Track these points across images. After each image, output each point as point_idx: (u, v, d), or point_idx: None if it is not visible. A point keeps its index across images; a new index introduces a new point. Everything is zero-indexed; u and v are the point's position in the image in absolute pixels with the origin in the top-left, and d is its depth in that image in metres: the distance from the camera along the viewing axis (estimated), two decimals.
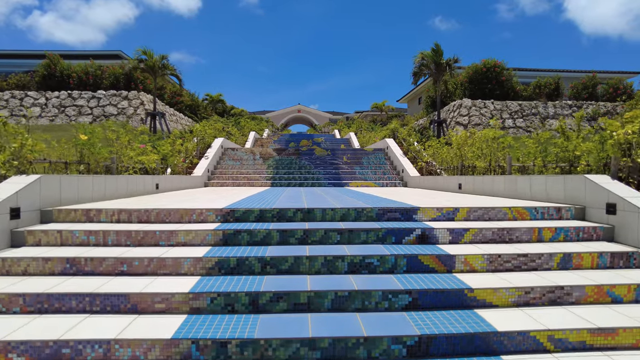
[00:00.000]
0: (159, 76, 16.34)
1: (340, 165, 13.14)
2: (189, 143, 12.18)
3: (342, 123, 32.64)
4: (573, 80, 22.33)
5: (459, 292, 3.17)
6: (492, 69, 20.23)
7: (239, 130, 20.34)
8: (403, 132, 13.34)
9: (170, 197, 6.55)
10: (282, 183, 11.53)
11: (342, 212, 4.46)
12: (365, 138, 19.82)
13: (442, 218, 4.54)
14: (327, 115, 67.02)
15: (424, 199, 6.11)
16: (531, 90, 20.83)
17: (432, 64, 15.94)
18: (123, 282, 3.27)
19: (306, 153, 14.15)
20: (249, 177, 11.95)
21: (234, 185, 11.45)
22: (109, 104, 19.79)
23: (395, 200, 5.63)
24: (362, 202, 5.26)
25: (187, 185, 9.98)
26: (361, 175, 12.36)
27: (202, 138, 12.94)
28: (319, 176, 12.10)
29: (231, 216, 4.39)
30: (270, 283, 3.22)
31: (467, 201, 5.53)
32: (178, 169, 10.33)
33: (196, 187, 10.69)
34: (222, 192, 8.04)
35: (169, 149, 9.58)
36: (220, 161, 13.20)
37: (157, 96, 22.93)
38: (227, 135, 16.60)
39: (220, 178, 11.97)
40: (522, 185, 5.97)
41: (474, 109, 19.62)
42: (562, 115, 19.85)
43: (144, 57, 15.61)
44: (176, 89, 26.79)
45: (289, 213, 4.42)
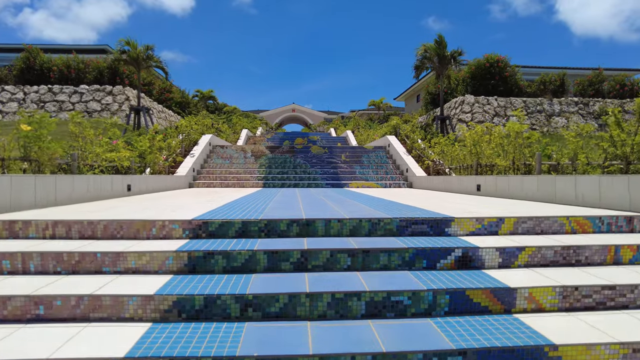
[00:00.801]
0: (144, 68, 15.12)
1: (339, 164, 12.04)
2: (173, 139, 11.02)
3: (337, 122, 31.56)
4: (577, 77, 21.42)
5: (535, 351, 2.09)
6: (496, 64, 19.24)
7: (230, 128, 19.16)
8: (406, 129, 12.27)
9: (138, 201, 5.41)
10: (275, 184, 10.41)
11: (352, 224, 3.35)
12: (363, 136, 18.75)
13: (482, 232, 3.46)
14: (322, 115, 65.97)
15: (445, 203, 5.02)
16: (536, 87, 19.88)
17: (435, 57, 14.90)
18: (31, 337, 2.14)
19: (301, 151, 13.04)
20: (239, 177, 10.81)
21: (222, 186, 10.31)
22: (92, 100, 18.53)
23: (414, 207, 4.54)
24: (373, 209, 4.17)
25: (168, 186, 8.83)
26: (362, 175, 11.28)
27: (187, 134, 11.77)
28: (316, 176, 10.99)
29: (204, 230, 3.27)
30: (252, 337, 2.12)
31: (502, 207, 4.46)
32: (159, 167, 9.17)
33: (179, 188, 9.54)
34: (205, 195, 6.90)
35: (147, 145, 8.42)
36: (207, 159, 12.04)
37: (144, 92, 21.70)
38: (217, 132, 15.43)
39: (207, 178, 10.81)
40: (563, 187, 4.91)
41: (477, 106, 18.62)
42: (569, 113, 18.93)
43: (127, 48, 14.40)
44: (166, 85, 25.56)
45: (281, 225, 3.30)
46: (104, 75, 19.34)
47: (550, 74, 20.03)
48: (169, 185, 8.86)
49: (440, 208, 4.31)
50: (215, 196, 6.45)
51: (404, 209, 4.24)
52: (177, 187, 9.43)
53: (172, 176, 9.18)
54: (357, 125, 22.15)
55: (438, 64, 15.03)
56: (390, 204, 4.84)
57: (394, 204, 4.86)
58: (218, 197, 6.29)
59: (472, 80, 19.73)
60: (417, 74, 15.89)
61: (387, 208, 4.29)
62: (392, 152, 12.56)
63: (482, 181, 6.93)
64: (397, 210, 4.00)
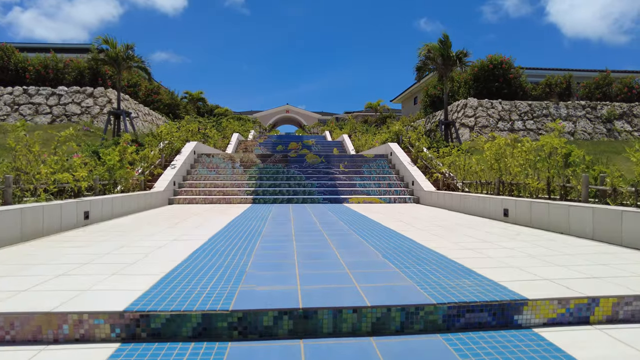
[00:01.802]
0: (125, 69, 13.81)
1: (337, 175, 10.85)
2: (152, 149, 9.75)
3: (333, 124, 30.37)
4: (583, 79, 20.44)
5: None
6: (499, 65, 18.19)
7: (219, 132, 17.89)
8: (412, 136, 11.09)
9: (82, 243, 4.17)
10: (266, 199, 9.19)
11: (376, 316, 2.15)
12: (360, 141, 17.59)
13: (566, 319, 2.28)
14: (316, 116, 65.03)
15: (487, 250, 3.85)
16: (541, 90, 18.85)
17: (438, 57, 13.77)
18: None
19: (296, 160, 11.83)
20: (225, 192, 9.57)
21: (206, 202, 9.07)
22: (71, 102, 17.17)
23: (456, 262, 3.36)
24: (393, 263, 2.98)
25: (142, 205, 7.58)
26: (362, 187, 10.10)
27: (169, 142, 10.51)
28: (312, 189, 9.79)
29: (144, 327, 2.06)
30: None
31: (576, 263, 3.30)
32: (132, 183, 7.92)
33: (157, 207, 8.29)
34: (179, 222, 5.67)
35: (116, 159, 7.17)
36: (191, 170, 10.79)
37: (129, 94, 20.36)
38: (204, 138, 14.16)
39: (189, 193, 9.56)
40: (636, 225, 3.77)
41: (481, 110, 17.55)
42: (575, 117, 17.93)
43: (105, 47, 13.08)
44: (153, 86, 24.23)
45: (264, 320, 2.10)
46: (84, 76, 17.98)
47: (556, 76, 19.02)
48: (143, 205, 7.61)
49: (485, 263, 3.15)
50: (190, 225, 5.23)
51: (439, 262, 3.06)
52: (154, 205, 8.18)
53: (147, 193, 7.92)
54: (353, 129, 20.98)
55: (442, 65, 13.91)
56: (412, 247, 3.66)
57: (417, 247, 3.68)
58: (193, 227, 5.07)
59: (474, 82, 18.68)
60: (419, 75, 14.77)
61: (409, 257, 3.11)
62: (395, 161, 11.40)
63: (511, 205, 5.78)
64: (428, 264, 2.82)
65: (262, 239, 4.22)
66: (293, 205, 8.59)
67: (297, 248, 3.71)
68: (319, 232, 4.64)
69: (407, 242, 4.02)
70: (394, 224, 5.54)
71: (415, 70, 14.57)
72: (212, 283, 2.52)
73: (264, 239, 4.23)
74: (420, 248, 3.73)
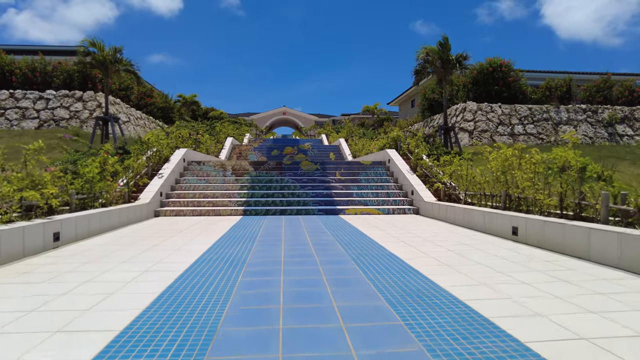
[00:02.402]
0: (113, 73, 13.26)
1: (333, 184, 10.35)
2: (138, 158, 9.20)
3: (329, 127, 29.88)
4: (584, 82, 20.05)
5: None
6: (499, 68, 17.77)
7: (212, 137, 17.36)
8: (411, 143, 10.58)
9: (42, 271, 3.64)
10: (258, 210, 8.67)
11: None
12: (357, 146, 17.10)
13: None
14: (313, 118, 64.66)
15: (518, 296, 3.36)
16: (541, 93, 18.44)
17: (437, 61, 13.30)
18: None
19: (290, 168, 11.32)
20: (215, 202, 9.05)
21: (194, 214, 8.54)
22: (59, 106, 16.61)
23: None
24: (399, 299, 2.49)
25: (124, 220, 7.05)
26: (360, 197, 9.60)
27: (157, 150, 9.96)
28: (307, 199, 9.28)
29: None
30: None
31: None
32: (114, 196, 7.38)
33: (141, 221, 7.76)
34: (158, 244, 5.16)
35: (95, 171, 6.64)
36: (180, 179, 10.26)
37: (121, 98, 19.80)
38: (195, 144, 13.62)
39: (177, 204, 9.03)
40: None
41: (480, 114, 17.12)
42: (576, 121, 17.53)
43: (92, 50, 12.53)
44: (146, 89, 23.69)
45: None
46: (74, 79, 17.41)
47: (556, 79, 18.62)
48: (125, 219, 7.07)
49: (505, 308, 2.66)
50: (168, 247, 4.71)
51: (452, 308, 2.56)
52: (138, 218, 7.65)
53: (130, 207, 7.39)
54: (350, 134, 20.49)
55: (441, 69, 13.43)
56: (420, 286, 3.16)
57: (425, 285, 3.18)
58: (171, 251, 4.55)
59: (473, 85, 18.25)
60: (417, 79, 14.29)
61: (417, 301, 2.61)
62: (394, 169, 10.91)
63: (521, 223, 5.29)
64: (439, 313, 2.32)
65: (246, 270, 3.70)
66: (286, 218, 8.09)
67: (284, 285, 3.20)
68: (312, 260, 4.13)
69: (414, 278, 3.52)
70: (396, 246, 5.05)
71: (414, 73, 14.09)
72: (170, 353, 2.00)
73: (248, 271, 3.71)
74: (428, 286, 3.23)
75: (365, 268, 3.76)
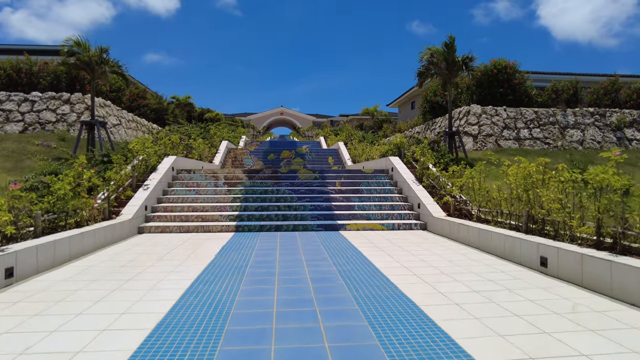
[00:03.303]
0: (99, 75, 12.45)
1: (333, 194, 9.59)
2: (120, 168, 8.40)
3: (328, 129, 29.10)
4: (590, 84, 19.37)
5: None
6: (504, 70, 17.05)
7: (206, 141, 16.57)
8: (416, 151, 9.80)
9: None
10: (251, 226, 7.90)
11: None
12: (357, 150, 16.35)
13: None
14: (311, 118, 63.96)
15: None
16: (547, 96, 17.74)
17: (442, 62, 12.56)
18: None
19: (287, 177, 10.55)
20: (205, 217, 8.27)
21: (181, 231, 7.77)
22: (45, 109, 15.77)
23: None
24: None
25: (101, 241, 6.27)
26: (362, 210, 8.85)
27: (143, 159, 9.16)
28: (304, 213, 8.52)
29: None
30: None
31: None
32: (91, 213, 6.60)
33: (122, 240, 6.98)
34: (123, 280, 4.38)
35: (67, 187, 5.85)
36: (168, 190, 9.47)
37: (112, 99, 18.96)
38: (187, 150, 12.81)
39: (163, 218, 8.25)
40: None
41: (485, 117, 16.40)
42: (584, 125, 16.84)
43: (77, 50, 11.71)
44: (139, 90, 22.87)
45: None
46: (61, 80, 16.58)
47: (562, 82, 17.92)
48: (102, 241, 6.29)
49: None
50: (141, 286, 3.94)
51: None
52: (118, 237, 6.88)
53: (109, 225, 6.60)
54: (349, 137, 19.73)
55: (446, 71, 12.69)
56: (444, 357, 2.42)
57: (449, 354, 2.44)
58: (144, 291, 3.78)
59: (477, 88, 17.52)
60: (420, 81, 13.55)
61: None
62: (397, 178, 10.16)
63: (551, 254, 4.56)
64: None
65: (228, 333, 2.94)
66: (282, 236, 7.33)
67: (275, 354, 2.44)
68: (312, 313, 3.38)
69: (435, 340, 2.77)
70: (409, 284, 4.31)
71: (417, 75, 13.34)
72: None
73: (231, 333, 2.95)
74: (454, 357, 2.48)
75: (378, 327, 3.00)
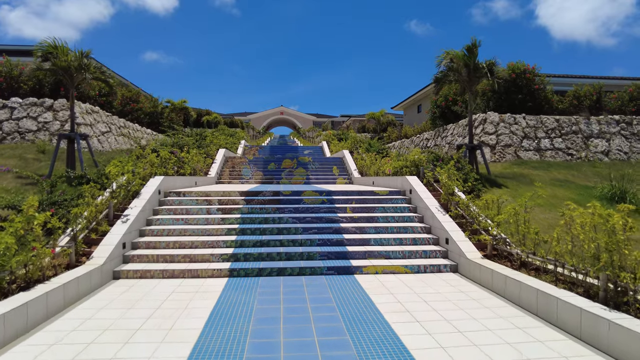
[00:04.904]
0: (80, 81, 11.02)
1: (344, 223, 8.20)
2: (92, 200, 6.98)
3: (330, 132, 27.67)
4: (612, 89, 17.96)
5: None
6: (522, 75, 15.65)
7: (201, 150, 15.15)
8: (442, 174, 8.35)
9: None
10: (248, 270, 6.50)
11: None
12: (365, 161, 14.94)
13: None
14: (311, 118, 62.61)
15: None
16: (568, 102, 16.34)
17: (463, 68, 11.14)
18: None
19: (290, 201, 9.15)
20: (193, 256, 6.86)
21: (165, 276, 6.36)
22: (26, 116, 14.33)
23: None
24: None
25: (55, 305, 4.87)
26: (379, 245, 7.47)
27: (121, 186, 7.74)
28: (312, 250, 7.12)
29: None
30: None
31: None
32: (47, 265, 5.20)
33: (88, 294, 5.58)
34: None
35: (10, 241, 4.46)
36: (153, 219, 8.06)
37: (101, 105, 17.51)
38: (179, 165, 11.39)
39: (144, 259, 6.83)
40: None
41: (503, 126, 15.00)
42: (609, 134, 15.43)
43: (53, 54, 10.26)
44: (132, 93, 21.41)
45: None
46: (44, 85, 15.13)
47: (585, 87, 16.51)
48: (55, 305, 4.89)
49: None
50: None
51: None
52: (85, 291, 5.48)
53: (71, 280, 5.19)
54: (355, 145, 18.31)
55: (467, 77, 11.28)
56: None
57: None
58: None
59: (493, 93, 16.12)
60: (438, 87, 12.14)
61: None
62: (417, 202, 8.76)
63: None
64: None
65: None
66: (286, 288, 5.95)
67: None
68: None
69: None
70: None
71: (434, 81, 11.93)
72: None
73: None
74: None
75: None
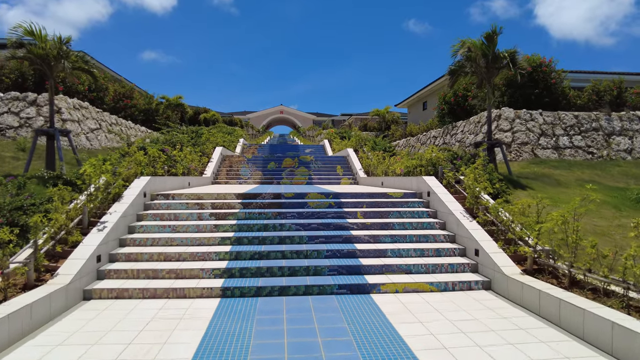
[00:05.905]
0: (60, 72, 9.95)
1: (355, 231, 7.15)
2: (62, 202, 5.92)
3: (333, 131, 26.61)
4: (632, 84, 16.94)
5: None
6: (539, 68, 14.61)
7: (197, 148, 14.08)
8: (468, 175, 7.25)
9: None
10: (244, 289, 5.44)
11: None
12: (371, 160, 13.90)
13: None
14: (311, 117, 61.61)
15: None
16: (587, 98, 15.31)
17: (481, 59, 10.10)
18: None
19: (292, 204, 8.10)
20: (180, 272, 5.80)
21: (146, 296, 5.30)
22: (7, 112, 13.25)
23: None
24: None
25: (6, 339, 3.83)
26: (397, 256, 6.41)
27: (99, 188, 6.68)
28: (319, 264, 6.07)
29: None
30: None
31: None
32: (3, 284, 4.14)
33: (50, 322, 4.53)
34: None
35: None
36: (136, 226, 6.99)
37: (91, 100, 16.43)
38: (170, 164, 10.34)
39: (122, 274, 5.77)
40: None
41: (518, 122, 13.96)
42: (632, 131, 14.41)
43: (29, 40, 9.20)
44: (125, 89, 20.32)
45: None
46: (27, 78, 14.05)
47: (604, 82, 15.48)
48: (5, 340, 3.85)
49: None
50: None
51: None
52: (45, 319, 4.43)
53: (22, 307, 4.15)
54: (360, 143, 17.26)
55: (485, 68, 10.24)
56: None
57: None
58: None
59: (507, 88, 15.08)
60: (452, 80, 11.10)
61: None
62: (437, 206, 7.72)
63: None
64: None
65: None
66: (290, 314, 4.90)
67: None
68: None
69: None
70: None
71: (448, 73, 10.91)
72: None
73: None
74: None
75: None
